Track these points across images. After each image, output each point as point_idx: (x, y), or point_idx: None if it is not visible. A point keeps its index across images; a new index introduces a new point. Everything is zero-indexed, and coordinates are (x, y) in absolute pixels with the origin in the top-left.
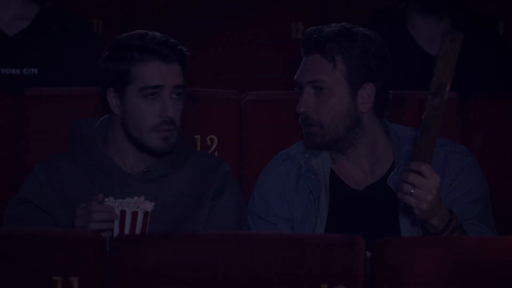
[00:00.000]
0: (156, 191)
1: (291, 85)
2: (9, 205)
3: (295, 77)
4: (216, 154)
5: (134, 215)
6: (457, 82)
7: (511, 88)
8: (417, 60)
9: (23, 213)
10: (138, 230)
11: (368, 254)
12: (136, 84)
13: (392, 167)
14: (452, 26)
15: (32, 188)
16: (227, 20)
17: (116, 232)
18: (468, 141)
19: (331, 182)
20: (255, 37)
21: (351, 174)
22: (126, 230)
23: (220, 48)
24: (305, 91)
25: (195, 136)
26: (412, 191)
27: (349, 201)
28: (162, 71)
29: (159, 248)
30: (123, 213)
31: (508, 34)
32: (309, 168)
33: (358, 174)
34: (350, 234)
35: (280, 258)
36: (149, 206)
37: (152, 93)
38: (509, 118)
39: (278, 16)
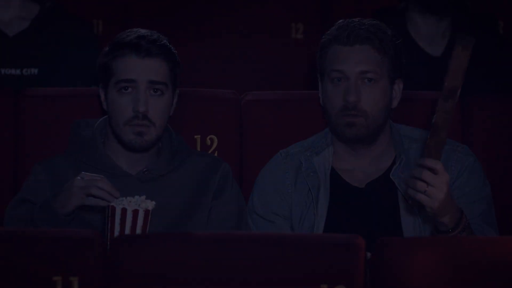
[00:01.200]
0: (156, 191)
1: (291, 85)
2: (9, 205)
3: (337, 67)
4: (216, 154)
5: (135, 213)
6: None
7: (511, 88)
8: (417, 60)
9: (24, 213)
10: (139, 229)
11: (368, 254)
12: (114, 78)
13: (393, 163)
14: (452, 26)
15: (32, 188)
16: (228, 20)
17: (117, 230)
18: (468, 141)
19: (332, 180)
20: (255, 37)
21: (353, 172)
22: (127, 229)
23: (220, 48)
24: (354, 81)
25: (195, 136)
26: (427, 189)
27: (350, 199)
28: (136, 66)
29: (159, 248)
30: (124, 211)
31: (508, 34)
32: (309, 166)
33: (361, 171)
34: (350, 234)
35: (280, 258)
36: (150, 204)
37: (125, 87)
38: (509, 118)
39: (278, 16)
